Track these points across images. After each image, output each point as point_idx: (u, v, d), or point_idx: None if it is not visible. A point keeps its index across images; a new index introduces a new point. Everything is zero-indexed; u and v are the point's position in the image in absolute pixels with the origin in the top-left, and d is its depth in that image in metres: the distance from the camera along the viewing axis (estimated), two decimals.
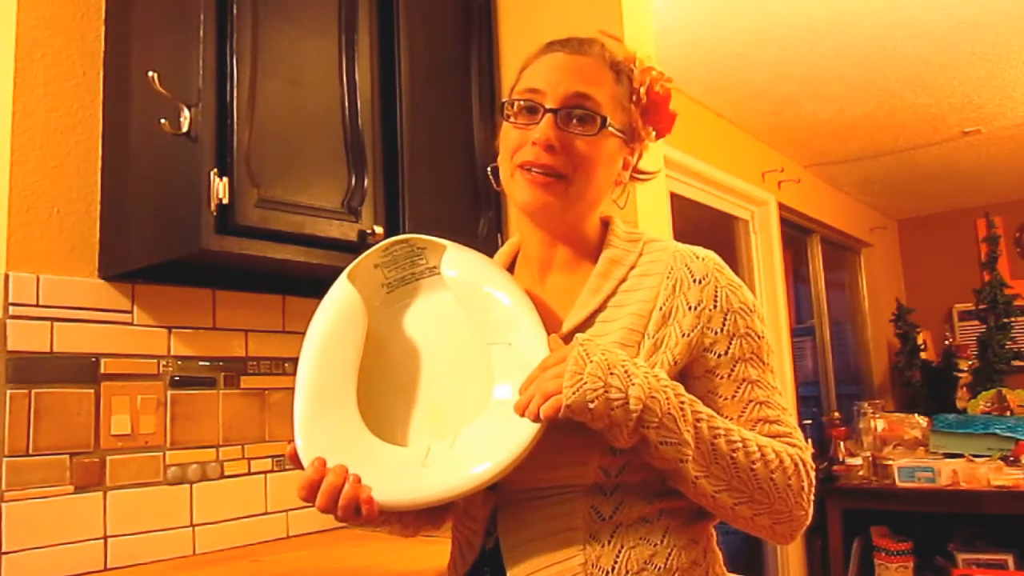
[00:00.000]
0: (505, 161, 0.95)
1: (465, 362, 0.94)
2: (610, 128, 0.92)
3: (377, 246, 0.97)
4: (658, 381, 0.82)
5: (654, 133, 1.01)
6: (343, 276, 0.96)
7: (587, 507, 0.85)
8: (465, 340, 0.94)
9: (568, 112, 0.91)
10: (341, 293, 0.95)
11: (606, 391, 0.78)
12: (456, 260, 0.96)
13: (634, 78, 0.98)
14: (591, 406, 0.78)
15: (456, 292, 0.95)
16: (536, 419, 0.80)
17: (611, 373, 0.79)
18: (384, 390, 0.94)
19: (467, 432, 0.86)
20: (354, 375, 0.91)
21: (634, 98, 0.97)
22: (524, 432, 0.81)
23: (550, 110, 0.90)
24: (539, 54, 0.97)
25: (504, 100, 0.96)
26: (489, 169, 1.01)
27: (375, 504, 0.81)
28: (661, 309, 0.90)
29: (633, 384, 0.79)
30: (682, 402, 0.82)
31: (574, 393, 0.78)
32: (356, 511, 0.81)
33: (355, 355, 0.92)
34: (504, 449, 0.82)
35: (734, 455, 0.83)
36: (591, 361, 0.80)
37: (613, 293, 0.92)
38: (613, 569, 0.83)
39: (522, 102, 0.93)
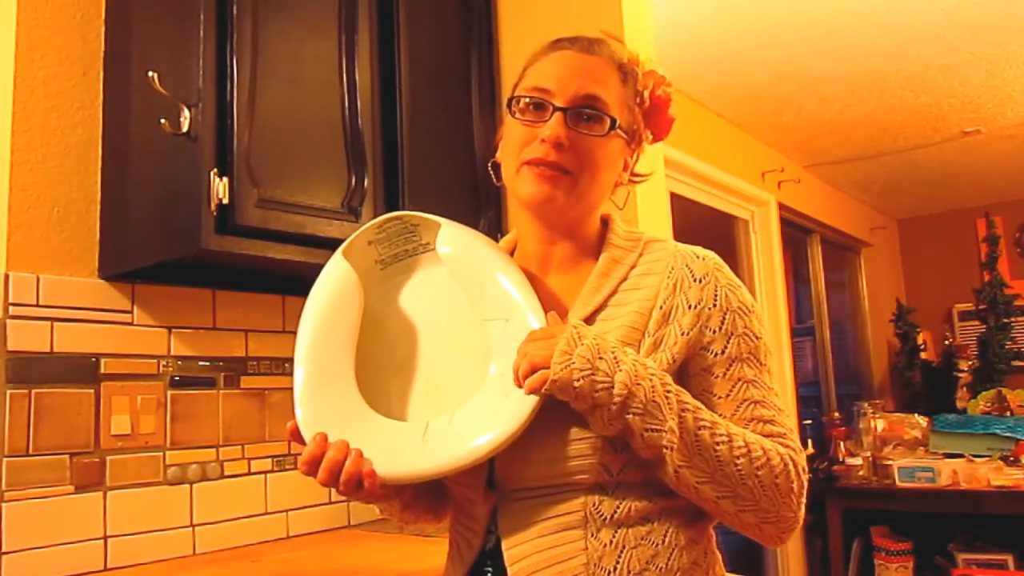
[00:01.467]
0: (510, 157, 0.94)
1: (461, 338, 0.94)
2: (617, 129, 0.93)
3: (371, 223, 0.97)
4: (645, 369, 0.83)
5: (651, 136, 1.01)
6: (338, 253, 0.96)
7: (588, 506, 0.85)
8: (461, 316, 0.94)
9: (578, 111, 0.91)
10: (336, 270, 0.95)
11: (593, 373, 0.80)
12: (451, 237, 0.96)
13: (638, 81, 0.98)
14: (576, 385, 0.80)
15: (451, 268, 0.95)
16: (520, 386, 0.82)
17: (600, 357, 0.81)
18: (380, 366, 0.94)
19: (465, 407, 0.87)
20: (352, 351, 0.91)
21: (637, 100, 0.97)
22: (522, 406, 0.82)
23: (560, 108, 0.90)
24: (546, 51, 0.97)
25: (511, 96, 0.95)
26: (489, 164, 1.01)
27: (377, 478, 0.82)
28: (662, 308, 0.90)
29: (620, 370, 0.81)
30: (668, 391, 0.83)
31: (562, 370, 0.80)
32: (358, 485, 0.82)
33: (352, 331, 0.92)
34: (502, 423, 0.83)
35: (717, 448, 0.83)
36: (582, 343, 0.81)
37: (614, 292, 0.93)
38: (615, 569, 0.83)
39: (530, 99, 0.93)
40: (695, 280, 0.91)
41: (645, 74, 0.98)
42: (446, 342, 0.95)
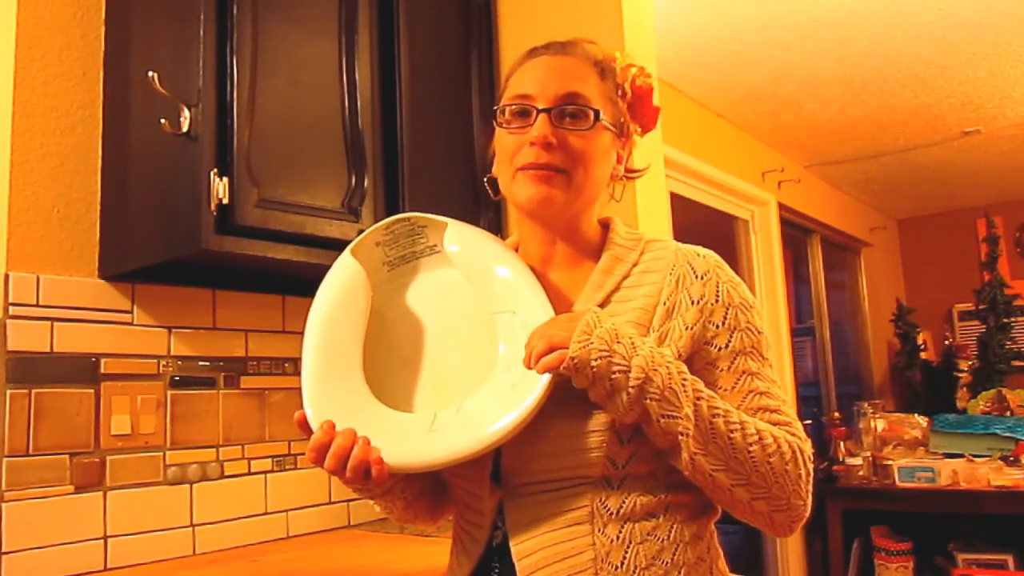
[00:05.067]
0: (504, 167, 0.96)
1: (468, 333, 0.95)
2: (603, 121, 0.94)
3: (379, 224, 0.99)
4: (662, 357, 0.84)
5: (639, 130, 1.03)
6: (346, 251, 0.98)
7: (595, 501, 0.86)
8: (468, 312, 0.96)
9: (561, 110, 0.93)
10: (345, 267, 0.97)
11: (610, 355, 0.81)
12: (458, 235, 0.98)
13: (617, 75, 1.00)
14: (594, 364, 0.80)
15: (460, 266, 0.97)
16: (536, 367, 0.82)
17: (618, 341, 0.82)
18: (386, 365, 0.96)
19: (472, 398, 0.88)
20: (359, 345, 0.93)
21: (619, 92, 0.99)
22: (530, 393, 0.83)
23: (543, 110, 0.92)
24: (523, 60, 1.00)
25: (495, 107, 0.98)
26: (486, 180, 1.03)
27: (385, 465, 0.83)
28: (665, 304, 0.92)
29: (637, 354, 0.82)
30: (684, 379, 0.84)
31: (581, 348, 0.81)
32: (366, 474, 0.83)
33: (360, 326, 0.94)
34: (510, 411, 0.83)
35: (732, 435, 0.84)
36: (601, 326, 0.83)
37: (617, 288, 0.94)
38: (622, 564, 0.84)
39: (514, 107, 0.95)
40: (697, 277, 0.93)
41: (623, 68, 1.00)
42: (452, 338, 0.97)
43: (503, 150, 0.96)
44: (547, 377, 0.84)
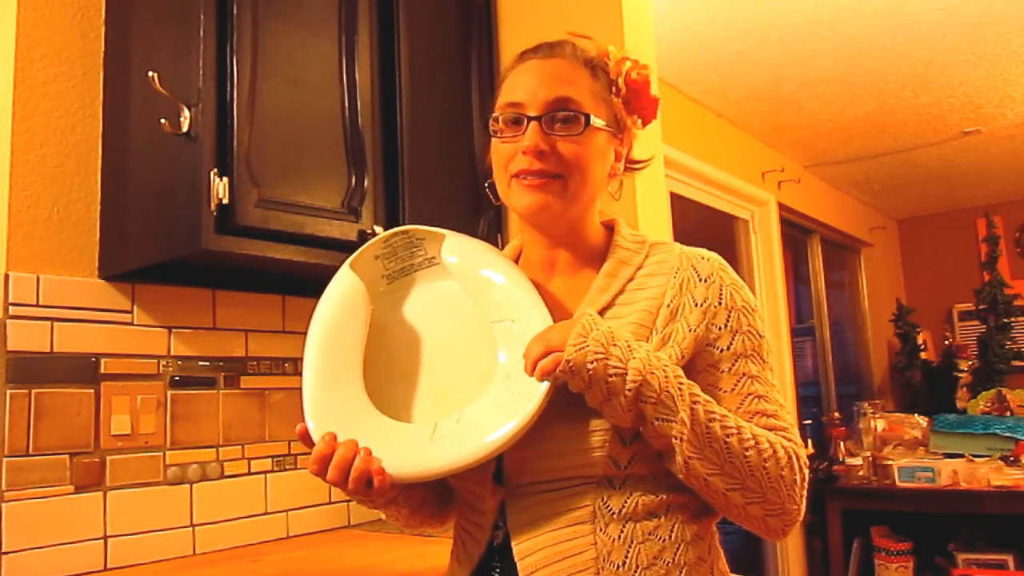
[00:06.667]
0: (500, 174, 0.97)
1: (467, 343, 0.96)
2: (594, 124, 0.94)
3: (377, 237, 1.00)
4: (658, 360, 0.84)
5: (640, 121, 1.02)
6: (346, 265, 0.98)
7: (597, 501, 0.87)
8: (466, 324, 0.96)
9: (551, 116, 0.93)
10: (344, 281, 0.98)
11: (606, 358, 0.81)
12: (456, 247, 0.99)
13: (610, 70, 0.99)
14: (590, 367, 0.81)
15: (458, 277, 0.97)
16: (534, 372, 0.83)
17: (614, 344, 0.83)
18: (386, 377, 0.96)
19: (472, 407, 0.89)
20: (359, 357, 0.94)
21: (613, 89, 0.99)
22: (529, 402, 0.84)
23: (534, 118, 0.93)
24: (513, 65, 1.00)
25: (489, 117, 0.98)
26: (486, 186, 1.03)
27: (387, 475, 0.83)
28: (669, 306, 0.92)
29: (634, 358, 0.82)
30: (680, 383, 0.84)
31: (577, 351, 0.81)
32: (368, 484, 0.83)
33: (360, 338, 0.95)
34: (510, 418, 0.84)
35: (728, 440, 0.85)
36: (597, 329, 0.83)
37: (621, 291, 0.95)
38: (624, 564, 0.85)
39: (505, 116, 0.95)
40: (700, 280, 0.94)
41: (616, 62, 0.99)
42: (451, 349, 0.97)
43: (498, 158, 0.97)
44: (546, 385, 0.84)
